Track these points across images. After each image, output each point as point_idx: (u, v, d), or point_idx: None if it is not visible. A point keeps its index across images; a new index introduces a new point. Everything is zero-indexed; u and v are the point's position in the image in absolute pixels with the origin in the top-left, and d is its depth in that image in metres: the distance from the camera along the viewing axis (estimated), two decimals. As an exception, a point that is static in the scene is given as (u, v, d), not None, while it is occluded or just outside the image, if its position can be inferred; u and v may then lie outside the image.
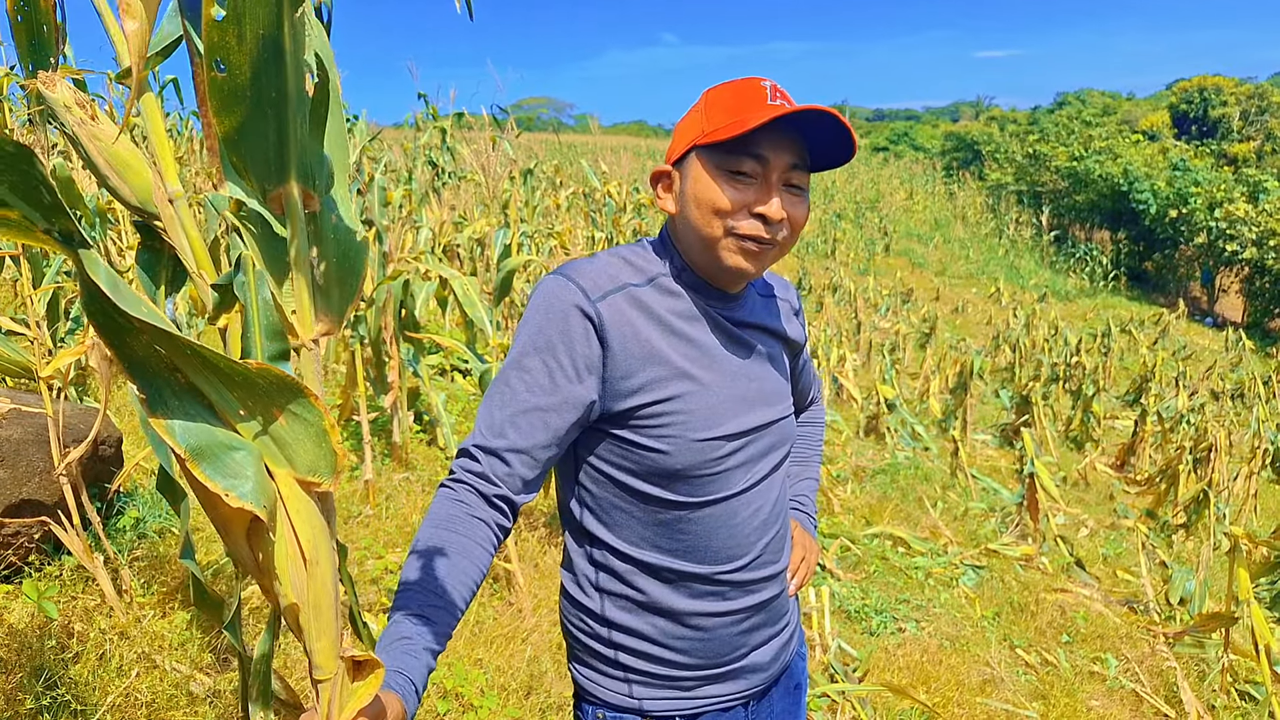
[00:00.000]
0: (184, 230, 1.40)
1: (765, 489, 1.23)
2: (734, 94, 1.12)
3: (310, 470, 1.03)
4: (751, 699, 1.30)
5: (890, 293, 18.51)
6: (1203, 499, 6.31)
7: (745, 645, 1.26)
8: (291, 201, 1.04)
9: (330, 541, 1.12)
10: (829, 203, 29.21)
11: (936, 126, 64.35)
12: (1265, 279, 23.60)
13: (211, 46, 0.74)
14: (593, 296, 1.11)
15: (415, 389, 4.96)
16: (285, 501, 1.04)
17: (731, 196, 1.10)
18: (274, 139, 0.89)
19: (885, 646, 3.71)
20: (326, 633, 1.02)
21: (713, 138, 1.10)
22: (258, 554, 1.00)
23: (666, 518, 1.18)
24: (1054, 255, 29.96)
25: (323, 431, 1.04)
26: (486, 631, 3.13)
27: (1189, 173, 27.55)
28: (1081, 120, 37.04)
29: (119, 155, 1.34)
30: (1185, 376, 11.89)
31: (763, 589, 1.26)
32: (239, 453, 0.89)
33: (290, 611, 1.00)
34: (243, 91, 0.79)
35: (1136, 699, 3.70)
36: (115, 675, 2.42)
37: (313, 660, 1.00)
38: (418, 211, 6.74)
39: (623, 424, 1.14)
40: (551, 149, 23.58)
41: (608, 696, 1.25)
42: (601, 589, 1.23)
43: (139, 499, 3.25)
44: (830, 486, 5.73)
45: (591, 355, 1.11)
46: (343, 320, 1.21)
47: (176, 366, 0.81)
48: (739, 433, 1.17)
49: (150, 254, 1.52)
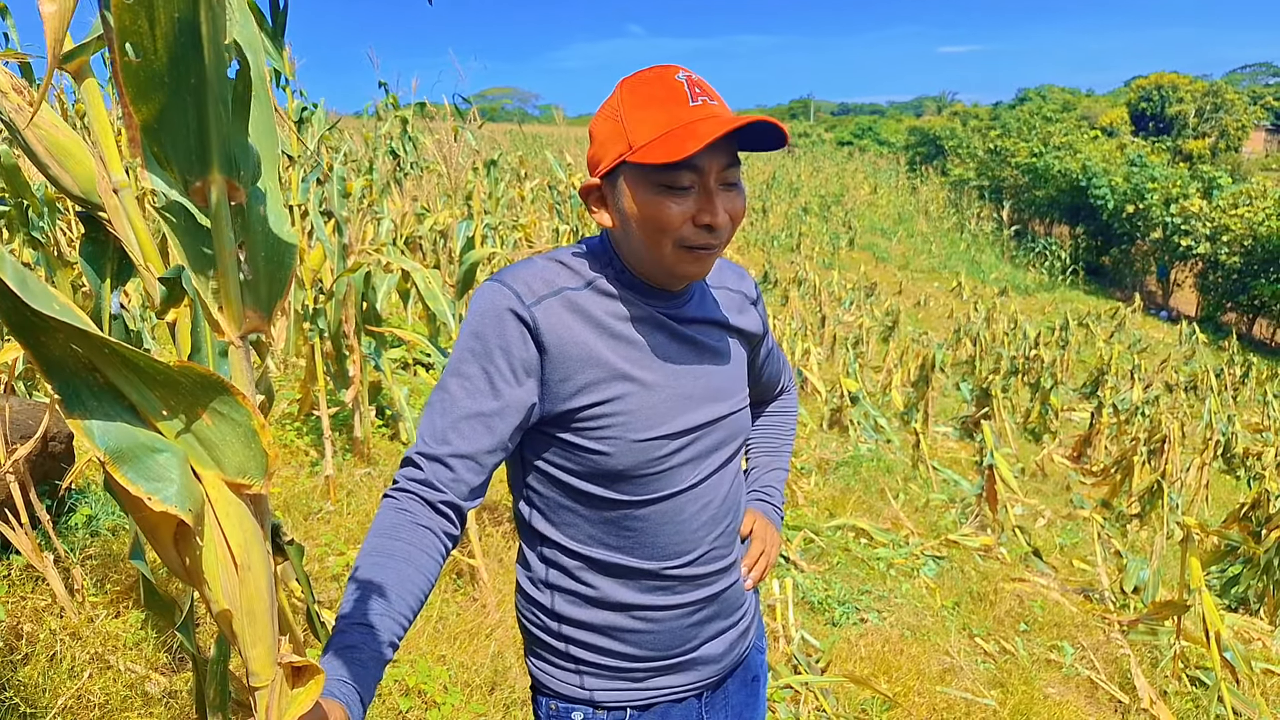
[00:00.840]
0: (129, 221, 1.36)
1: (714, 484, 1.24)
2: (653, 100, 1.09)
3: (240, 472, 1.00)
4: (706, 690, 1.31)
5: (854, 287, 18.67)
6: (1156, 489, 6.45)
7: (697, 638, 1.27)
8: (214, 193, 1.01)
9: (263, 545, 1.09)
10: (794, 197, 29.38)
11: (900, 121, 64.98)
12: (1218, 274, 24.18)
13: (124, 30, 0.70)
14: (528, 301, 1.12)
15: (377, 383, 4.90)
16: (214, 505, 1.01)
17: (675, 213, 1.09)
18: (194, 128, 0.86)
19: (847, 637, 3.74)
20: (262, 639, 0.99)
21: (645, 158, 1.06)
22: (185, 559, 0.97)
23: (613, 515, 1.18)
24: (1014, 250, 30.43)
25: (252, 431, 1.00)
26: (450, 627, 3.10)
27: (1146, 169, 28.12)
28: (1042, 116, 37.62)
29: (59, 143, 1.29)
30: (1140, 369, 12.14)
31: (714, 582, 1.26)
32: (162, 455, 0.86)
33: (223, 617, 0.97)
34: (159, 78, 0.76)
35: (1092, 686, 3.77)
36: (66, 677, 2.36)
37: (249, 667, 0.98)
38: (379, 202, 6.66)
39: (564, 426, 1.15)
40: (516, 140, 23.44)
41: (560, 688, 1.26)
42: (552, 585, 1.24)
43: (92, 496, 3.17)
44: (794, 479, 5.77)
45: (529, 359, 1.11)
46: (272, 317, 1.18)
47: (95, 366, 0.78)
48: (683, 431, 1.18)
49: (95, 246, 1.48)
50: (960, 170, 37.19)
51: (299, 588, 1.60)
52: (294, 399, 4.82)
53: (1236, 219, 23.46)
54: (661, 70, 1.12)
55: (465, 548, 3.53)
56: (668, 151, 1.04)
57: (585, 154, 1.24)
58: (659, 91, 1.09)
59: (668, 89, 1.09)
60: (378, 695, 2.61)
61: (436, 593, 3.29)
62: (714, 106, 1.09)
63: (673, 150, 1.04)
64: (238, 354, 1.01)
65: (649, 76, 1.11)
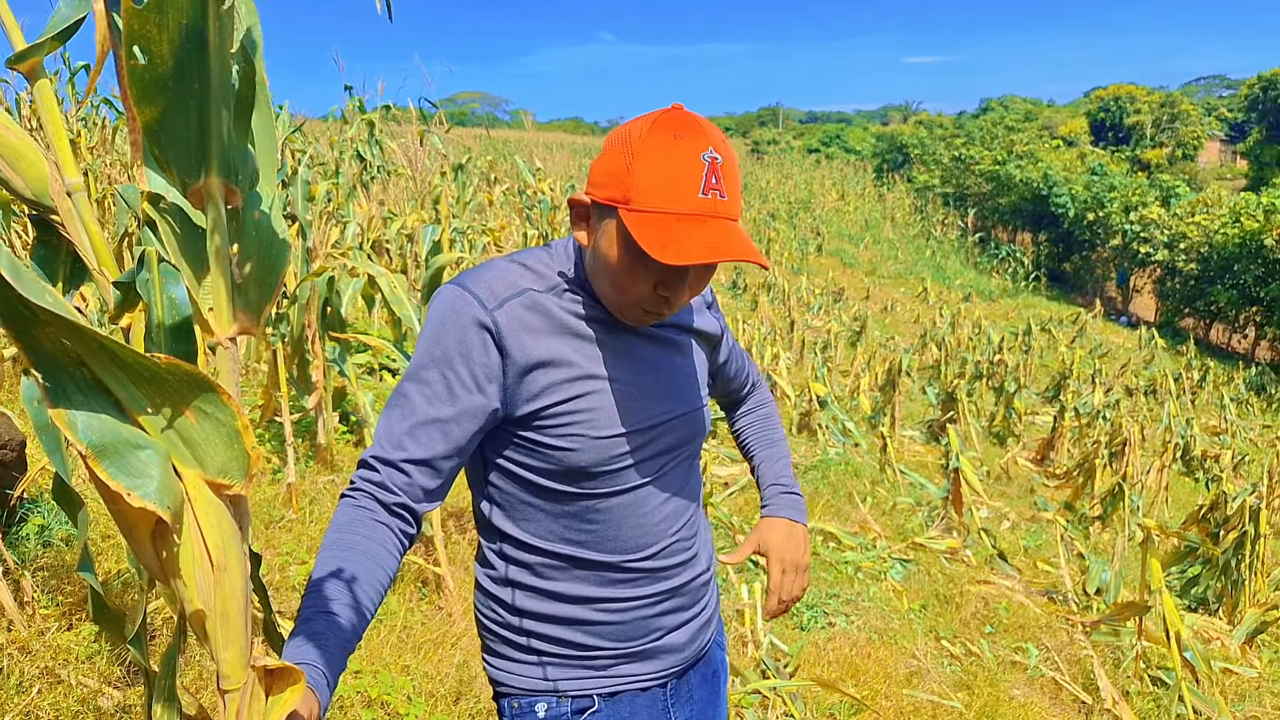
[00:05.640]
0: (83, 225, 1.32)
1: (675, 479, 1.26)
2: (669, 168, 1.04)
3: (221, 472, 0.99)
4: (670, 679, 1.31)
5: (822, 292, 18.82)
6: (1118, 492, 6.55)
7: (661, 628, 1.27)
8: (212, 196, 0.99)
9: (241, 547, 1.08)
10: (763, 203, 29.56)
11: (868, 129, 65.70)
12: (1176, 280, 24.68)
13: (132, 33, 0.71)
14: (489, 306, 1.12)
15: (341, 389, 4.84)
16: (193, 504, 0.99)
17: (643, 285, 1.10)
18: (196, 131, 0.87)
19: (816, 641, 3.75)
20: (235, 641, 0.98)
21: (633, 228, 1.04)
22: (162, 558, 0.96)
23: (575, 510, 1.20)
24: (978, 256, 30.85)
25: (235, 432, 0.99)
26: (414, 637, 3.06)
27: (1106, 177, 28.67)
28: (1005, 125, 38.28)
29: (10, 144, 1.25)
30: (1101, 374, 12.35)
31: (676, 574, 1.28)
32: (144, 451, 0.86)
33: (196, 618, 0.96)
34: (164, 81, 0.77)
35: (1056, 686, 3.81)
36: (15, 692, 2.29)
37: (220, 669, 0.97)
38: (345, 206, 6.58)
39: (527, 426, 1.15)
40: (486, 145, 23.36)
41: (522, 682, 1.25)
42: (512, 581, 1.24)
43: (43, 505, 3.09)
44: (763, 484, 5.78)
45: (490, 364, 1.12)
46: (260, 319, 1.16)
47: (82, 360, 0.78)
48: (645, 427, 1.19)
49: (47, 249, 1.44)
50: (926, 177, 37.65)
51: (256, 598, 1.56)
52: (256, 405, 4.74)
53: (1194, 227, 23.98)
54: (693, 136, 1.05)
55: (430, 555, 3.48)
56: (653, 242, 1.02)
57: (555, 159, 1.22)
58: (678, 162, 1.04)
59: (687, 165, 1.04)
60: (340, 708, 2.57)
61: (401, 601, 3.24)
62: (722, 204, 1.05)
63: (658, 245, 1.02)
64: (225, 354, 1.00)
65: (679, 137, 1.05)
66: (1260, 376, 17.50)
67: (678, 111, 1.08)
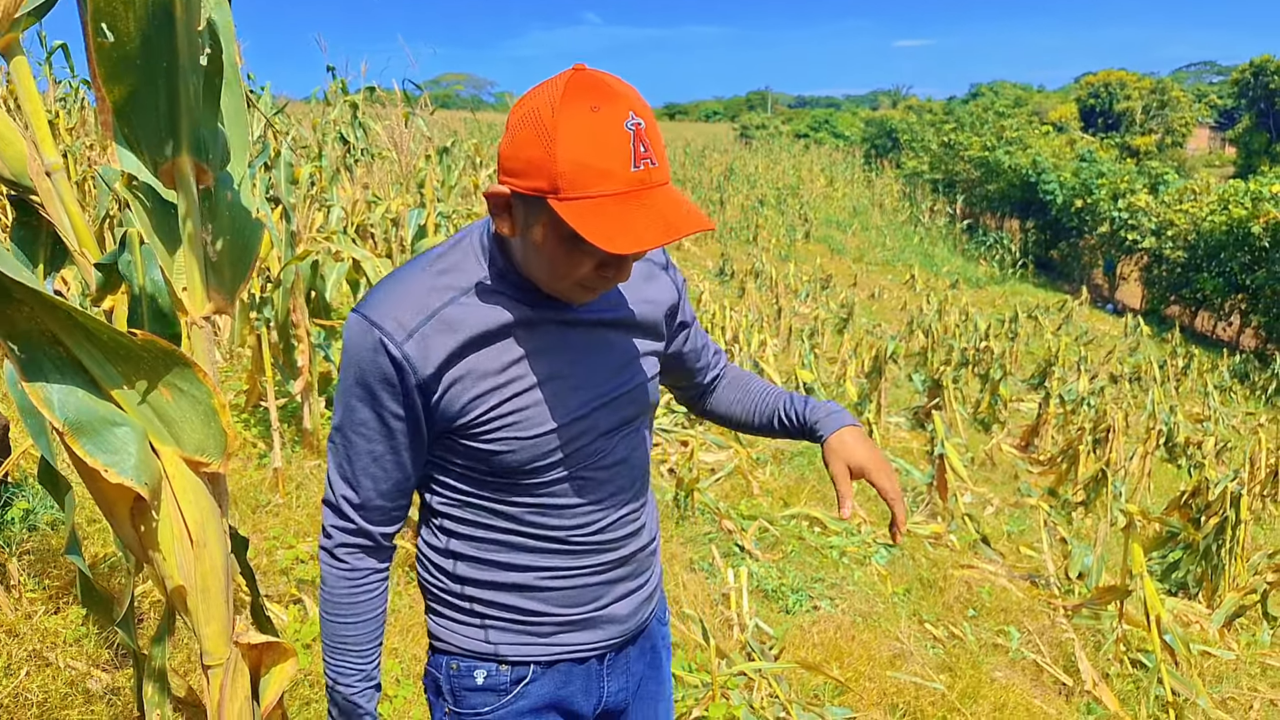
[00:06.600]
0: (64, 205, 1.31)
1: (620, 454, 1.23)
2: (594, 144, 0.96)
3: (198, 449, 0.99)
4: (609, 651, 1.31)
5: (810, 278, 18.83)
6: (1101, 478, 6.61)
7: (605, 596, 1.26)
8: (183, 175, 0.98)
9: (220, 523, 1.08)
10: (751, 189, 29.51)
11: (857, 114, 65.55)
12: (1162, 267, 24.79)
13: (98, 11, 0.70)
14: (398, 339, 1.07)
15: (327, 374, 4.83)
16: (171, 481, 1.00)
17: (585, 267, 1.05)
18: (165, 110, 0.86)
19: (801, 624, 3.78)
20: (216, 617, 0.99)
21: (571, 220, 0.96)
22: (141, 533, 0.96)
23: (515, 498, 1.19)
24: (966, 243, 30.90)
25: (211, 410, 0.99)
26: (401, 620, 3.07)
27: (1094, 164, 28.70)
28: (994, 111, 38.23)
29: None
30: (1086, 361, 12.43)
31: (623, 546, 1.27)
32: (121, 428, 0.86)
33: (177, 594, 0.96)
34: (132, 60, 0.76)
35: (1037, 669, 3.86)
36: (2, 675, 2.30)
37: (202, 645, 0.98)
38: (329, 189, 6.53)
39: (460, 434, 1.14)
40: (472, 127, 23.20)
41: (463, 643, 1.25)
42: (454, 554, 1.24)
43: (29, 489, 3.08)
44: (750, 469, 5.81)
45: (409, 389, 1.10)
46: (235, 298, 1.16)
47: (58, 339, 0.78)
48: (581, 415, 1.17)
49: (27, 231, 1.43)
50: (914, 163, 37.62)
51: (244, 581, 1.56)
52: (241, 390, 4.72)
53: (1181, 214, 24.05)
54: (611, 104, 0.97)
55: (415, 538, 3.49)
56: (598, 232, 0.95)
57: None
58: (602, 138, 0.96)
59: (612, 139, 0.96)
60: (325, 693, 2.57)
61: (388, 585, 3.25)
62: (655, 171, 0.99)
63: (604, 236, 0.95)
64: (200, 333, 1.00)
65: (596, 109, 0.96)
66: (1244, 364, 17.65)
67: (585, 74, 0.99)
